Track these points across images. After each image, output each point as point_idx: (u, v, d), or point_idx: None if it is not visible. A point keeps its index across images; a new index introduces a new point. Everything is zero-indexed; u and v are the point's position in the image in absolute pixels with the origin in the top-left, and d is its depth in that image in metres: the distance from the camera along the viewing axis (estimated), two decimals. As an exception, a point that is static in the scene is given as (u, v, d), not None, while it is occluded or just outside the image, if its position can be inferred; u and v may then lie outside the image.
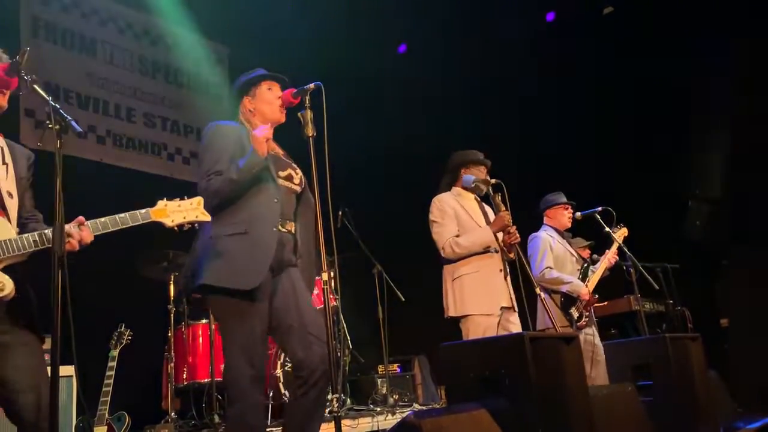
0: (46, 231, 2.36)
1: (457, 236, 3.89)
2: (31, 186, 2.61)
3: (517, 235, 3.84)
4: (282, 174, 2.94)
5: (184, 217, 2.55)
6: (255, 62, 3.25)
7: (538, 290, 3.94)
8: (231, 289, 2.71)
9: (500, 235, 3.87)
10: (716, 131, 6.77)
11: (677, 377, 3.59)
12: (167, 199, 2.56)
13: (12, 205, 2.44)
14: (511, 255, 3.95)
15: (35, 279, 2.46)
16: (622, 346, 4.01)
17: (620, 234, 4.98)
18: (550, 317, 3.95)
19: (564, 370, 2.77)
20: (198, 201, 2.60)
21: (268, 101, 3.04)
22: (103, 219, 2.42)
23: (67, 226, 2.31)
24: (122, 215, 2.46)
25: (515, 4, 7.11)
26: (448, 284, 3.94)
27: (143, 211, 2.50)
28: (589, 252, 5.47)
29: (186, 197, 2.60)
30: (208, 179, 2.79)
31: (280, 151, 3.08)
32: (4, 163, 2.48)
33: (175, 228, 2.55)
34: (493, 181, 3.94)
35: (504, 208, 3.84)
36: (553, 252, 4.87)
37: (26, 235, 2.36)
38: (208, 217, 2.59)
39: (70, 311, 2.13)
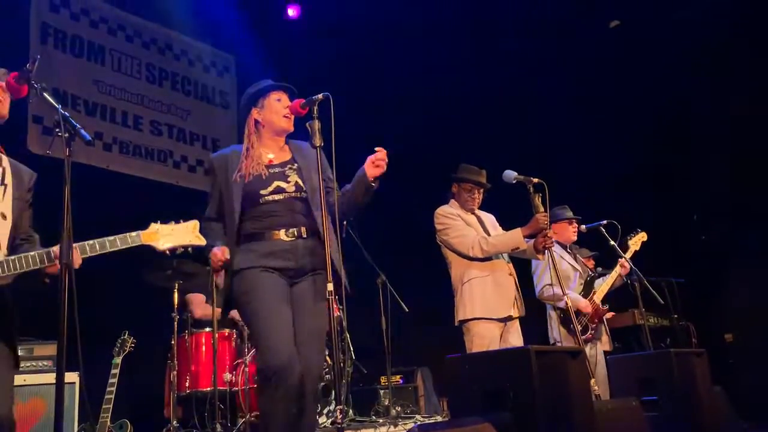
0: (30, 253, 2.34)
1: None
2: (30, 206, 2.58)
3: (552, 239, 3.82)
4: (265, 191, 2.91)
5: (176, 241, 2.54)
6: (261, 70, 3.27)
7: (567, 301, 3.90)
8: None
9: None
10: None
11: (682, 392, 3.58)
12: (161, 222, 2.54)
13: (3, 227, 2.42)
14: (540, 257, 3.93)
15: (18, 297, 2.45)
16: (627, 361, 3.99)
17: (638, 239, 4.96)
18: (560, 333, 3.91)
19: (569, 384, 2.76)
20: (193, 225, 2.58)
21: (276, 111, 3.04)
22: (92, 241, 2.41)
23: (54, 249, 2.31)
24: (112, 238, 2.44)
25: (522, 11, 7.13)
26: (458, 289, 3.93)
27: (134, 234, 2.49)
28: (593, 263, 5.46)
29: (182, 220, 2.59)
30: (204, 219, 2.93)
31: (273, 160, 3.04)
32: (2, 183, 2.46)
33: (167, 252, 2.54)
34: (535, 180, 3.83)
35: (542, 210, 3.77)
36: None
37: (12, 257, 2.34)
38: (203, 241, 2.59)
39: (76, 318, 2.13)
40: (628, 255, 4.89)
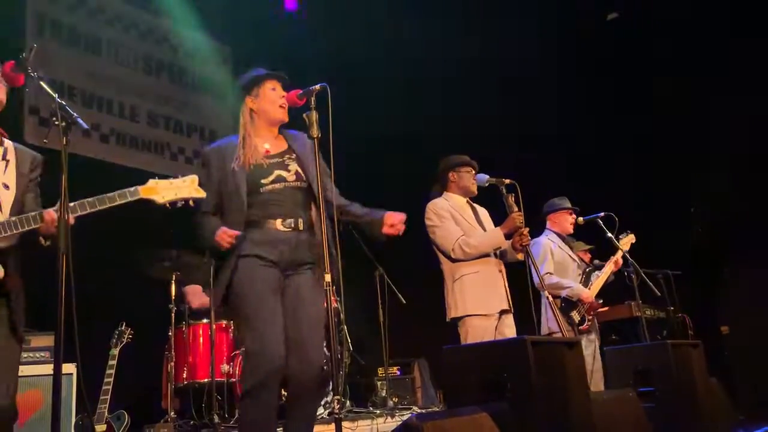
0: (32, 214, 2.35)
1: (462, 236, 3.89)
2: (36, 186, 2.59)
3: (529, 237, 3.84)
4: (266, 180, 2.87)
5: (176, 194, 2.51)
6: (258, 62, 3.24)
7: (546, 294, 3.93)
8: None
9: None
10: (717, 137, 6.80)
11: (679, 384, 3.59)
12: (158, 178, 2.53)
13: (7, 196, 2.43)
14: (520, 256, 3.93)
15: (25, 270, 2.46)
16: (624, 352, 4.00)
17: (627, 240, 4.96)
18: (557, 321, 3.92)
19: (566, 374, 2.77)
20: (192, 179, 2.56)
21: (272, 101, 2.99)
22: (90, 198, 2.38)
23: (51, 210, 2.32)
24: (111, 194, 2.41)
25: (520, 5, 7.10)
26: (449, 286, 3.93)
27: (132, 188, 2.45)
28: (590, 256, 5.46)
29: (180, 175, 2.57)
30: (200, 214, 2.88)
31: (270, 150, 3.00)
32: (4, 159, 2.47)
33: (167, 205, 2.51)
34: (507, 181, 3.89)
35: (516, 209, 3.81)
36: (554, 257, 4.87)
37: (10, 219, 2.35)
38: (202, 194, 2.57)
39: (73, 309, 2.13)
40: (618, 255, 4.90)
